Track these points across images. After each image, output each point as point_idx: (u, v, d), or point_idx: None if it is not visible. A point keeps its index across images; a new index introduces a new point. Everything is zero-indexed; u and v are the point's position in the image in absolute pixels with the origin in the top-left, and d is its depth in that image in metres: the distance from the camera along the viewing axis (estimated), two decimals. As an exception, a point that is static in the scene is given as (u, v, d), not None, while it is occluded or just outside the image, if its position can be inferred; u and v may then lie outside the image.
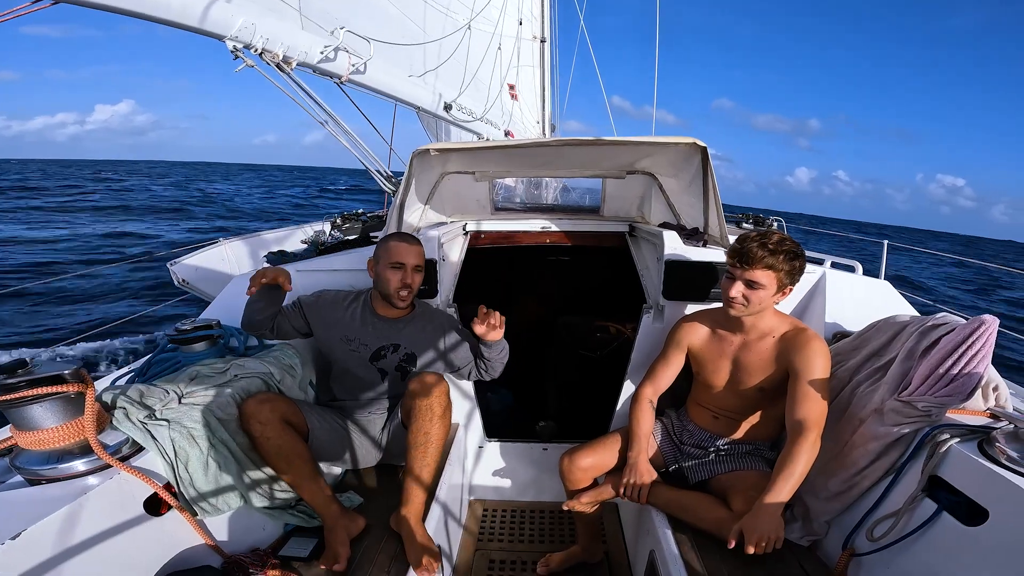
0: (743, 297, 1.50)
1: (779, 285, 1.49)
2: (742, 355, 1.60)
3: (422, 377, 1.63)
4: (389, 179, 3.64)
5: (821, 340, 1.51)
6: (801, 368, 1.47)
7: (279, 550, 1.46)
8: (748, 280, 1.48)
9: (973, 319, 1.33)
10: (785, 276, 1.48)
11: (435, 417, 1.58)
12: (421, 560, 1.41)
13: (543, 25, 6.40)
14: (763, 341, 1.58)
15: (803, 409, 1.43)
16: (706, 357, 1.68)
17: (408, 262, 1.76)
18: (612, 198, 3.01)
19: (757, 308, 1.51)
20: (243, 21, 2.61)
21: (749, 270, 1.47)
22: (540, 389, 3.09)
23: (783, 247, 1.46)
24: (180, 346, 1.73)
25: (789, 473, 1.35)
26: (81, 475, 1.13)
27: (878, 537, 1.31)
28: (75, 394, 1.13)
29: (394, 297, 1.76)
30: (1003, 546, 1.06)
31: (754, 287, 1.48)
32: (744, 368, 1.60)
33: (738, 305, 1.51)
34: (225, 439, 1.43)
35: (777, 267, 1.46)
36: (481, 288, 3.23)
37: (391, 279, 1.75)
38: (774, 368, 1.55)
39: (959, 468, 1.21)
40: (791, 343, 1.52)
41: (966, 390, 1.29)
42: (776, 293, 1.50)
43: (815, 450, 1.38)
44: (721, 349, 1.65)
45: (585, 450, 1.72)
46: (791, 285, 1.52)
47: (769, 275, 1.47)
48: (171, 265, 4.11)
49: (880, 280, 2.08)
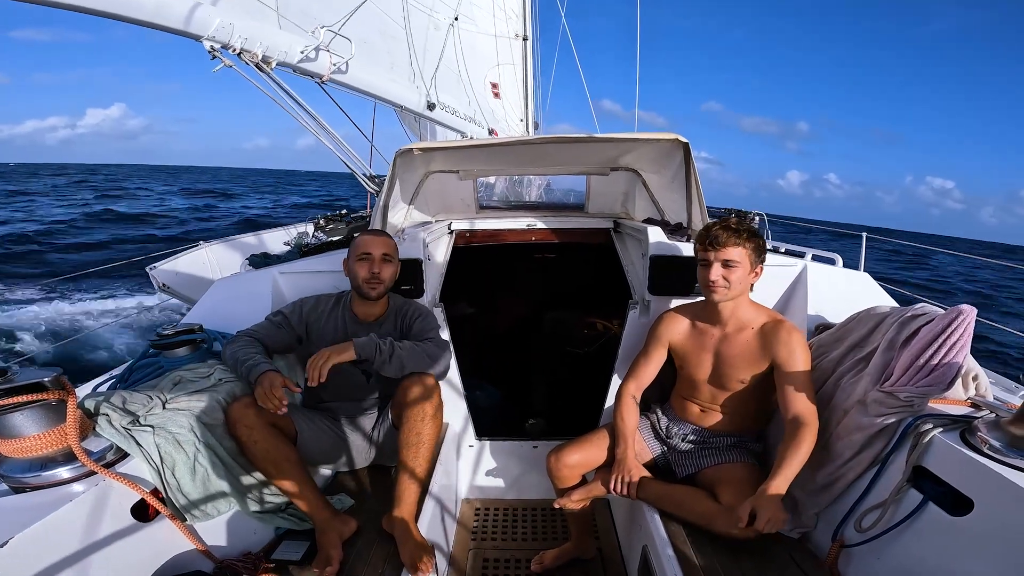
0: (723, 279, 1.55)
1: (751, 263, 1.57)
2: (723, 348, 1.63)
3: (414, 377, 1.62)
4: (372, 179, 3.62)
5: (799, 331, 1.55)
6: (786, 362, 1.51)
7: (271, 554, 1.45)
8: (724, 260, 1.55)
9: (951, 309, 1.36)
10: (753, 252, 1.56)
11: (427, 417, 1.58)
12: (415, 561, 1.40)
13: (524, 23, 6.39)
14: (743, 333, 1.61)
15: (797, 404, 1.46)
16: (688, 351, 1.71)
17: (375, 252, 1.76)
18: (596, 195, 3.03)
19: (738, 289, 1.57)
20: (220, 21, 2.58)
21: (721, 250, 1.55)
22: (528, 386, 3.10)
23: (743, 226, 1.58)
24: (162, 351, 1.70)
25: (790, 461, 1.39)
26: (66, 482, 1.12)
27: (866, 528, 1.33)
28: (56, 401, 1.11)
29: (364, 287, 1.76)
30: (989, 536, 1.08)
31: (730, 266, 1.55)
32: (726, 361, 1.62)
33: (720, 288, 1.56)
34: (212, 444, 1.41)
35: (743, 243, 1.55)
36: (468, 287, 3.22)
37: (359, 270, 1.75)
38: (756, 361, 1.58)
39: (942, 458, 1.23)
40: (771, 336, 1.56)
41: (946, 379, 1.32)
42: (750, 271, 1.58)
43: (814, 441, 1.42)
44: (702, 343, 1.68)
45: (571, 447, 1.73)
46: (760, 264, 1.60)
47: (740, 251, 1.55)
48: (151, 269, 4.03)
49: (860, 272, 2.13)
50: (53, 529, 1.01)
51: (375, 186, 3.42)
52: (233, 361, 1.62)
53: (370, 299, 1.78)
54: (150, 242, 14.41)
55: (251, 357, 1.60)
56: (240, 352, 1.61)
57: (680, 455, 1.73)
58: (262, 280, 2.15)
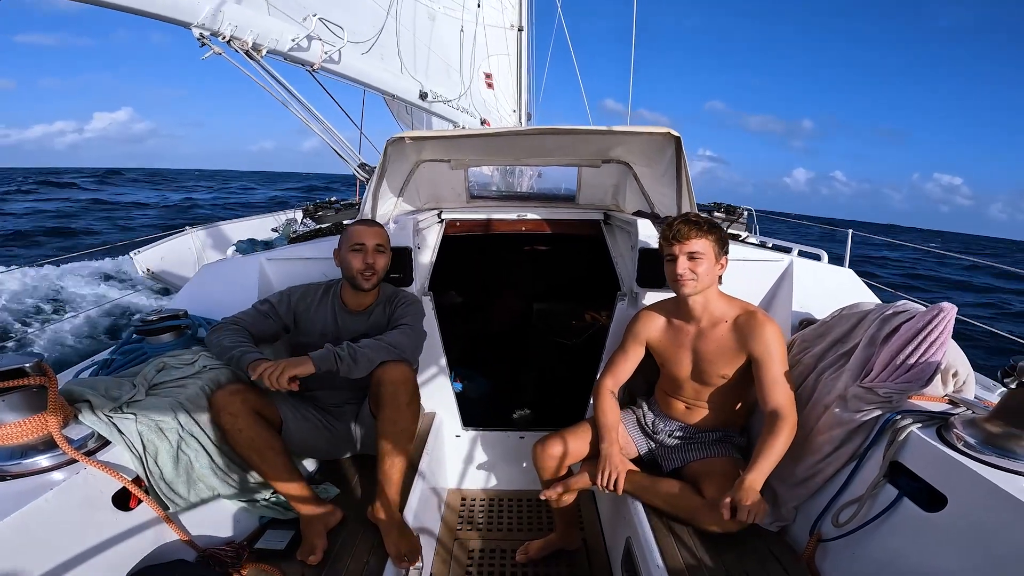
0: (691, 271, 1.57)
1: (715, 254, 1.58)
2: (700, 344, 1.64)
3: (387, 366, 1.61)
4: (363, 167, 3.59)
5: (772, 322, 1.57)
6: (762, 356, 1.53)
7: (255, 543, 1.45)
8: (689, 252, 1.56)
9: (932, 307, 1.38)
10: (715, 244, 1.58)
11: (402, 405, 1.57)
12: (400, 550, 1.41)
13: (520, 14, 6.34)
14: (717, 328, 1.62)
15: (775, 396, 1.48)
16: (666, 349, 1.72)
17: (368, 242, 1.74)
18: (587, 186, 3.03)
19: (706, 280, 1.58)
20: (210, 8, 2.54)
21: (685, 243, 1.56)
22: (516, 377, 3.11)
23: (704, 219, 1.60)
24: (146, 337, 1.68)
25: (768, 453, 1.41)
26: (46, 470, 1.10)
27: (843, 523, 1.35)
28: (37, 388, 1.09)
29: (358, 278, 1.74)
30: (961, 532, 1.09)
31: (695, 258, 1.56)
32: (704, 357, 1.63)
33: (688, 281, 1.57)
34: (195, 432, 1.40)
35: (706, 235, 1.57)
36: (457, 277, 3.22)
37: (353, 261, 1.73)
38: (734, 355, 1.59)
39: (918, 454, 1.24)
40: (745, 329, 1.57)
41: (924, 376, 1.34)
42: (716, 263, 1.59)
43: (793, 432, 1.44)
44: (679, 340, 1.69)
45: (557, 438, 1.74)
46: (724, 255, 1.62)
47: (704, 243, 1.56)
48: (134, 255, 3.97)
49: (844, 268, 2.15)
50: (33, 518, 1.00)
51: (365, 174, 3.39)
52: (219, 349, 1.60)
53: (363, 290, 1.77)
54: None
55: (239, 345, 1.58)
56: (226, 339, 1.60)
57: (666, 449, 1.74)
58: (249, 266, 2.13)
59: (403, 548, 1.42)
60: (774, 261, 2.07)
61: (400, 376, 1.59)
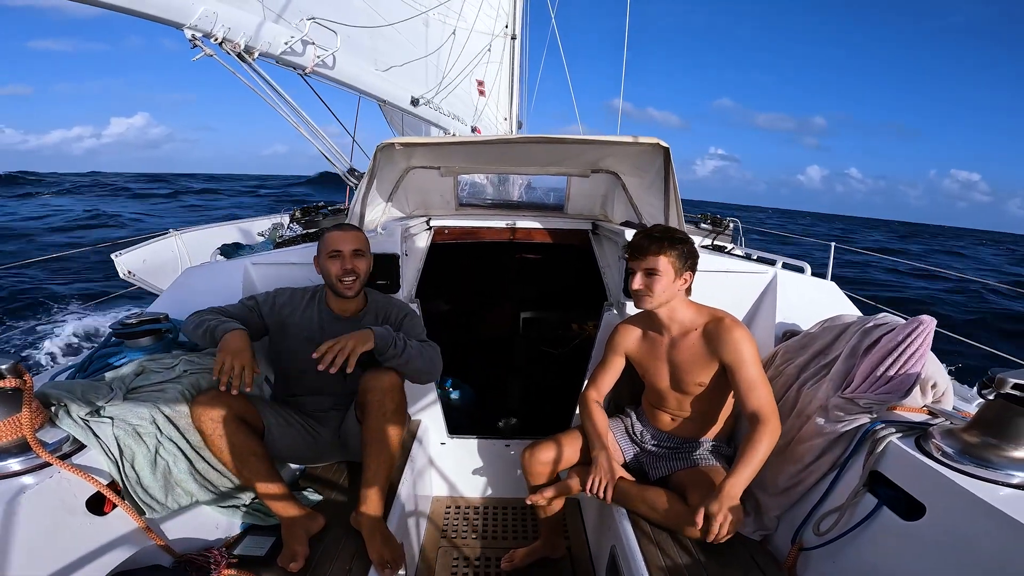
0: (646, 288, 1.57)
1: (675, 270, 1.56)
2: (673, 354, 1.65)
3: (374, 374, 1.60)
4: (352, 172, 3.58)
5: (741, 326, 1.57)
6: (733, 361, 1.53)
7: (234, 549, 1.42)
8: (646, 269, 1.56)
9: (911, 320, 1.41)
10: (677, 259, 1.56)
11: (388, 413, 1.56)
12: (383, 557, 1.40)
13: (515, 21, 6.38)
14: (688, 337, 1.63)
15: (752, 400, 1.49)
16: (644, 359, 1.74)
17: (344, 248, 1.71)
18: (576, 196, 3.05)
19: (662, 297, 1.58)
20: (204, 9, 2.53)
21: (643, 259, 1.57)
22: (502, 385, 3.11)
23: (667, 234, 1.59)
24: (125, 340, 1.65)
25: (749, 459, 1.41)
26: (17, 474, 1.08)
27: (824, 531, 1.36)
28: (11, 390, 1.07)
29: (337, 286, 1.72)
30: (939, 541, 1.11)
31: (652, 275, 1.56)
32: (679, 367, 1.64)
33: (645, 297, 1.58)
34: (174, 436, 1.38)
35: (665, 251, 1.55)
36: (446, 285, 3.21)
37: (331, 269, 1.71)
38: (706, 363, 1.60)
39: (897, 464, 1.26)
40: (713, 336, 1.58)
41: (904, 387, 1.36)
42: (676, 279, 1.57)
43: (776, 435, 1.44)
44: (654, 351, 1.70)
45: (547, 444, 1.74)
46: (689, 271, 1.60)
47: (661, 260, 1.55)
48: (116, 256, 3.90)
49: (827, 281, 2.19)
50: (3, 522, 0.98)
51: (355, 180, 3.38)
52: (196, 324, 1.57)
53: (346, 297, 1.75)
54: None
55: (219, 319, 1.58)
56: (207, 315, 1.60)
57: (653, 458, 1.75)
58: (233, 270, 2.10)
59: (386, 555, 1.41)
60: (759, 273, 2.10)
61: (388, 384, 1.58)
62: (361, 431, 1.59)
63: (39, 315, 7.14)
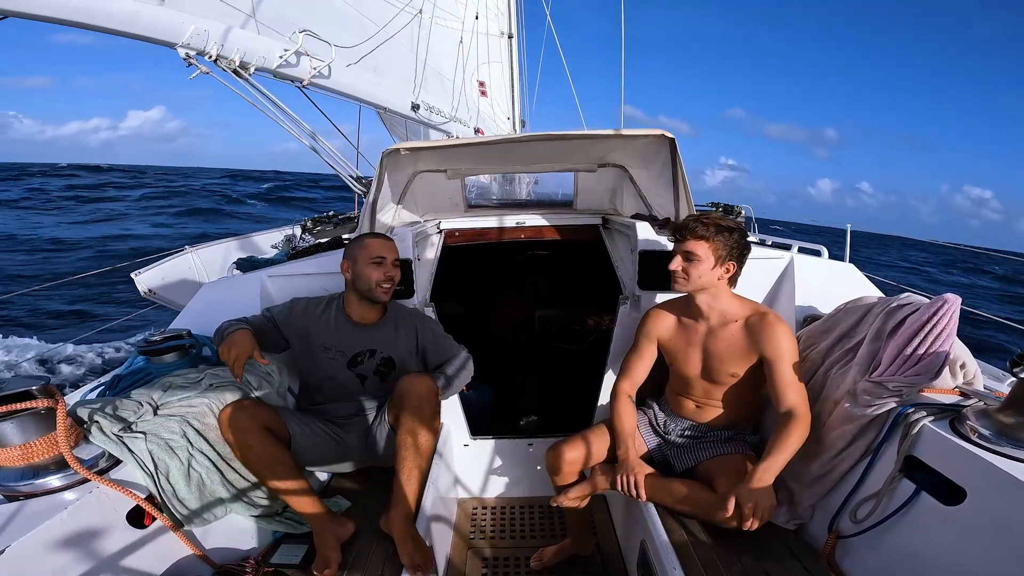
0: (683, 271, 1.56)
1: (716, 258, 1.54)
2: (710, 343, 1.63)
3: (412, 378, 1.62)
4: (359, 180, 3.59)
5: (784, 322, 1.56)
6: (774, 356, 1.52)
7: (270, 558, 1.44)
8: (685, 252, 1.55)
9: (936, 298, 1.38)
10: (721, 248, 1.54)
11: (425, 419, 1.58)
12: (414, 560, 1.40)
13: (510, 21, 6.38)
14: (727, 328, 1.61)
15: (790, 397, 1.48)
16: (676, 347, 1.71)
17: (388, 256, 1.77)
18: (584, 191, 3.04)
19: (698, 283, 1.56)
20: (195, 28, 2.54)
21: (684, 242, 1.55)
22: (521, 384, 3.10)
23: (715, 220, 1.55)
24: (150, 357, 1.68)
25: (782, 448, 1.41)
26: (58, 490, 1.11)
27: (861, 519, 1.34)
28: (45, 410, 1.10)
29: (375, 291, 1.75)
30: (983, 524, 1.08)
31: (691, 259, 1.54)
32: (714, 356, 1.63)
33: (680, 279, 1.57)
34: (205, 449, 1.40)
35: (709, 238, 1.53)
36: (458, 287, 3.22)
37: (372, 274, 1.74)
38: (744, 355, 1.58)
39: (933, 447, 1.23)
40: (756, 329, 1.56)
41: (933, 368, 1.34)
42: (716, 267, 1.55)
43: (806, 433, 1.44)
44: (688, 338, 1.68)
45: (570, 443, 1.73)
46: (732, 260, 1.57)
47: (702, 246, 1.53)
48: (135, 275, 3.96)
49: (845, 263, 2.16)
50: (48, 537, 1.00)
51: (362, 187, 3.40)
52: (219, 333, 1.66)
53: (379, 302, 1.80)
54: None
55: (230, 324, 1.65)
56: (224, 324, 1.67)
57: (677, 449, 1.74)
58: (250, 284, 2.13)
59: (417, 558, 1.41)
60: (775, 259, 2.08)
61: (427, 390, 1.61)
62: (396, 435, 1.60)
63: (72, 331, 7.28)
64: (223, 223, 19.11)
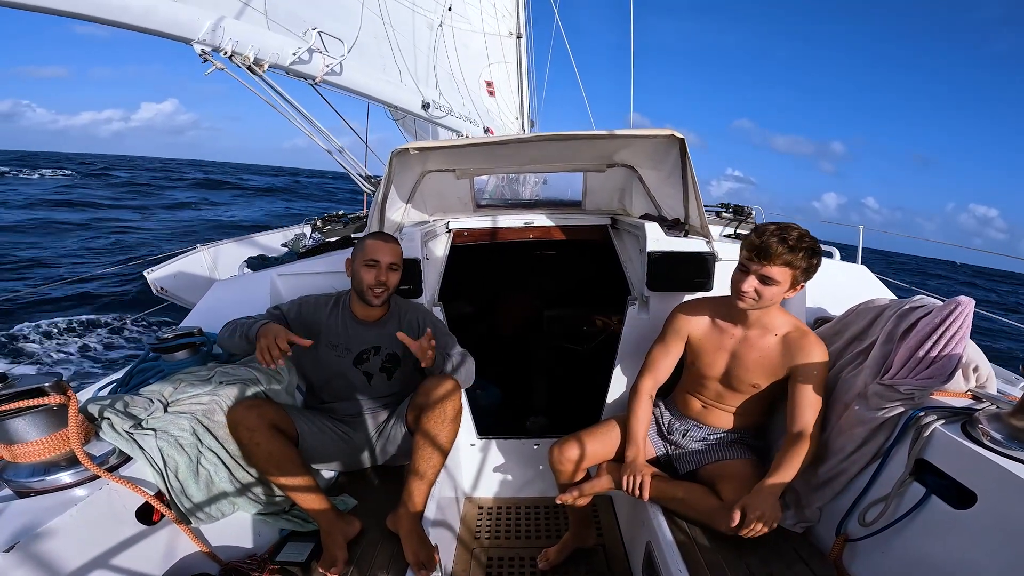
0: (755, 292, 1.45)
1: (793, 281, 1.45)
2: (741, 349, 1.59)
3: (436, 380, 1.62)
4: (368, 179, 3.61)
5: (822, 344, 1.52)
6: (805, 375, 1.48)
7: (276, 555, 1.44)
8: (763, 276, 1.43)
9: (949, 301, 1.36)
10: (801, 274, 1.44)
11: (446, 420, 1.58)
12: (419, 559, 1.41)
13: (518, 21, 6.39)
14: (764, 338, 1.56)
15: (805, 418, 1.47)
16: (704, 348, 1.67)
17: (382, 260, 1.75)
18: (593, 191, 3.03)
19: (768, 304, 1.48)
20: (211, 24, 2.56)
21: (767, 266, 1.41)
22: (529, 384, 3.10)
23: (803, 244, 1.40)
24: (162, 355, 1.70)
25: (791, 464, 1.41)
26: (69, 486, 1.12)
27: (870, 522, 1.33)
28: (57, 406, 1.11)
29: (367, 293, 1.75)
30: (993, 528, 1.07)
31: (768, 283, 1.43)
32: (742, 363, 1.59)
33: (749, 299, 1.48)
34: (213, 446, 1.41)
35: (795, 264, 1.41)
36: (467, 286, 3.22)
37: (365, 276, 1.74)
38: (773, 369, 1.55)
39: (944, 451, 1.22)
40: (794, 346, 1.51)
41: (946, 372, 1.32)
42: (789, 289, 1.46)
43: (810, 458, 1.45)
44: (720, 341, 1.63)
45: (575, 441, 1.72)
46: (804, 282, 1.47)
47: (785, 272, 1.42)
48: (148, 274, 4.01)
49: (857, 265, 2.13)
50: (59, 532, 1.02)
51: (371, 186, 3.41)
52: (228, 333, 1.64)
53: (372, 305, 1.79)
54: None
55: (250, 321, 1.64)
56: (238, 321, 1.66)
57: (681, 451, 1.73)
58: (260, 282, 2.15)
59: (422, 557, 1.42)
60: None
61: (450, 389, 1.61)
62: (414, 436, 1.61)
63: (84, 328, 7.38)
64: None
